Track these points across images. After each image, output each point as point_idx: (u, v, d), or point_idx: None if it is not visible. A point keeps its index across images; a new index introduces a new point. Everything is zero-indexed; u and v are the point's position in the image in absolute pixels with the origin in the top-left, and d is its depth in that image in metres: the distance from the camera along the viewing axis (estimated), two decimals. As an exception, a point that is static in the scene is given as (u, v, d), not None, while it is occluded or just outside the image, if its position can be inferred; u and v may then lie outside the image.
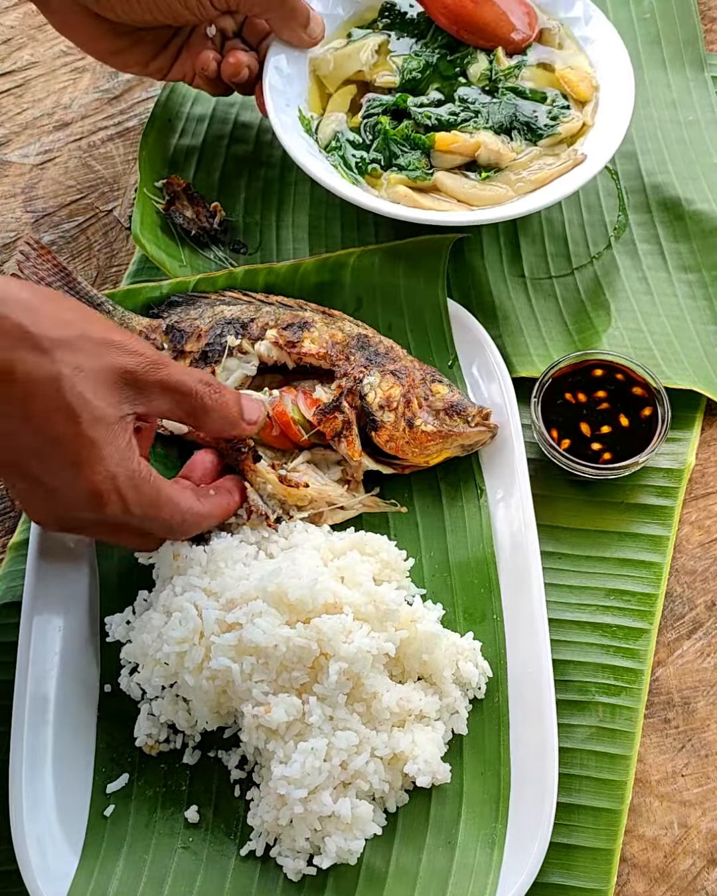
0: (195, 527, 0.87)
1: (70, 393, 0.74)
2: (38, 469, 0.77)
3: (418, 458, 0.96)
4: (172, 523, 0.84)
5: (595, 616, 0.94)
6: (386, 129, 1.06)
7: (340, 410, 0.94)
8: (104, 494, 0.78)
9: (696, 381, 1.02)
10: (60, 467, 0.77)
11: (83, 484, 0.77)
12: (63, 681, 0.89)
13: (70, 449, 0.76)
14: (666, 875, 0.87)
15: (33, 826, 0.83)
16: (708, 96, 1.19)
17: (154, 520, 0.82)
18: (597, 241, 1.12)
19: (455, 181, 1.05)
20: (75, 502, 0.79)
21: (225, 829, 0.86)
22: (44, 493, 0.79)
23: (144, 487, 0.80)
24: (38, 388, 0.73)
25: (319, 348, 0.97)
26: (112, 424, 0.77)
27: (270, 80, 1.06)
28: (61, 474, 0.77)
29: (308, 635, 0.82)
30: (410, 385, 0.96)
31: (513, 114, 1.06)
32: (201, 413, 0.85)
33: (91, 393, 0.75)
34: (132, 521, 0.81)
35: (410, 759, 0.83)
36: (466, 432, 0.95)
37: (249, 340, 0.98)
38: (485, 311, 1.06)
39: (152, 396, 0.80)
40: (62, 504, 0.80)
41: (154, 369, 0.80)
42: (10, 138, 1.23)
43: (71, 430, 0.75)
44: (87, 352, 0.76)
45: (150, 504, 0.81)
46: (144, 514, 0.81)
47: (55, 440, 0.75)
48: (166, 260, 1.08)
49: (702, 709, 0.92)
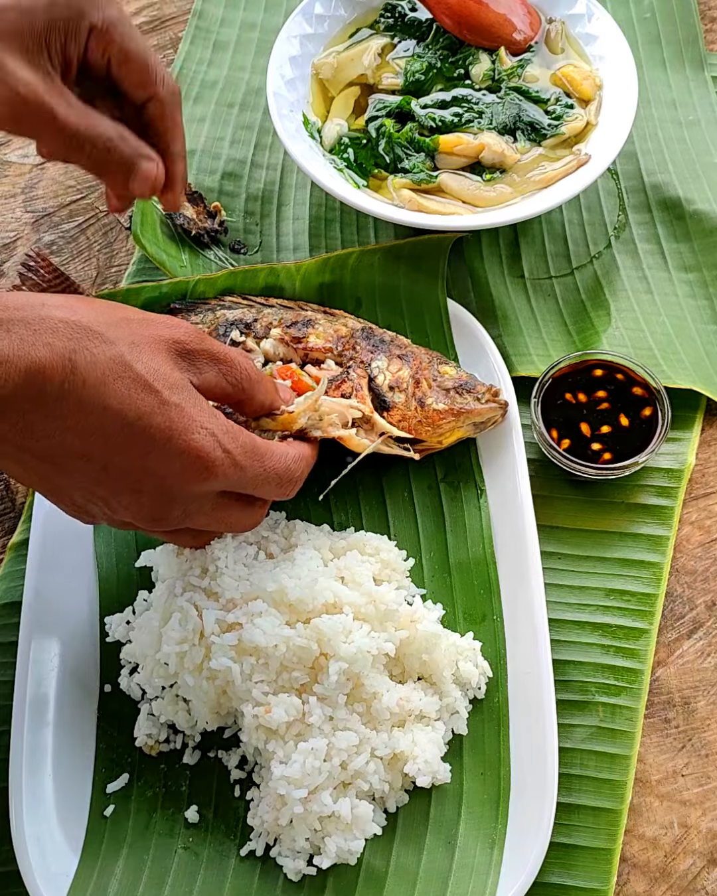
0: (298, 475, 0.84)
1: (138, 365, 0.72)
2: (134, 457, 0.73)
3: (431, 437, 0.95)
4: (279, 471, 0.81)
5: (595, 616, 0.94)
6: (390, 133, 1.06)
7: (348, 379, 0.94)
8: (209, 452, 0.74)
9: (696, 381, 1.02)
10: (157, 443, 0.73)
11: (185, 447, 0.73)
12: (63, 681, 0.89)
13: (160, 420, 0.72)
14: (666, 875, 0.87)
15: (33, 826, 0.83)
16: (708, 96, 1.19)
17: (261, 472, 0.79)
18: (597, 241, 1.12)
19: (459, 182, 1.05)
20: (184, 473, 0.75)
21: (225, 829, 0.86)
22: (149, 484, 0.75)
23: (240, 437, 0.77)
24: (107, 373, 0.71)
25: (325, 343, 0.97)
26: (187, 387, 0.75)
27: (274, 86, 1.06)
28: (160, 449, 0.73)
29: (308, 635, 0.82)
30: (418, 367, 0.96)
31: (517, 114, 1.06)
32: (247, 385, 0.82)
33: (157, 363, 0.74)
34: (244, 477, 0.78)
35: (410, 759, 0.83)
36: (477, 409, 0.95)
37: (254, 339, 0.98)
38: (485, 311, 1.06)
39: (202, 367, 0.78)
40: (171, 485, 0.75)
41: (200, 338, 0.78)
42: (11, 138, 1.23)
43: (154, 400, 0.72)
44: (135, 329, 0.74)
45: (252, 453, 0.78)
46: (252, 466, 0.78)
47: (141, 416, 0.72)
48: (166, 260, 1.08)
49: (702, 709, 0.92)
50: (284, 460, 0.82)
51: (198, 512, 0.79)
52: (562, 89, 1.09)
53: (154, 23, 1.30)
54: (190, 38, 1.25)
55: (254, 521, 0.86)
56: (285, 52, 1.09)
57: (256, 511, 0.85)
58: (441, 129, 1.06)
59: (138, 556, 0.93)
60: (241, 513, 0.83)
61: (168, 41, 1.28)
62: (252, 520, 0.86)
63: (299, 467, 0.84)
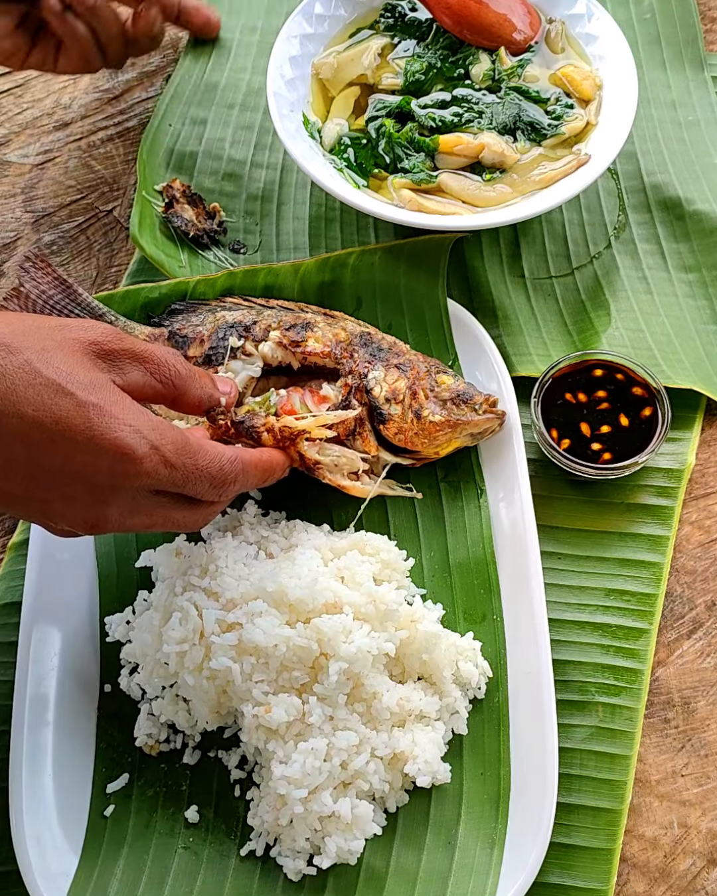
0: (231, 476, 0.81)
1: (48, 369, 0.71)
2: (59, 462, 0.72)
3: (428, 449, 0.96)
4: (212, 470, 0.79)
5: (595, 616, 0.94)
6: (390, 132, 1.06)
7: (350, 409, 0.95)
8: (135, 448, 0.73)
9: (696, 381, 1.02)
10: (79, 445, 0.71)
11: (109, 445, 0.72)
12: (63, 681, 0.89)
13: (78, 422, 0.71)
14: (666, 875, 0.87)
15: (33, 826, 0.83)
16: (708, 96, 1.19)
17: (193, 470, 0.77)
18: (597, 241, 1.12)
19: (459, 182, 1.05)
20: (112, 472, 0.73)
21: (225, 829, 0.86)
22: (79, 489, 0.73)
23: (169, 434, 0.76)
24: (17, 382, 0.70)
25: (323, 347, 0.97)
26: (106, 386, 0.74)
27: (274, 86, 1.06)
28: (83, 451, 0.71)
29: (308, 635, 0.82)
30: (415, 377, 0.96)
31: (517, 114, 1.06)
32: (178, 381, 0.80)
33: (69, 365, 0.72)
34: (175, 474, 0.76)
35: (410, 759, 0.83)
36: (474, 420, 0.95)
37: (253, 342, 0.98)
38: (485, 311, 1.06)
39: (126, 367, 0.77)
40: (101, 487, 0.73)
41: (118, 338, 0.77)
42: (10, 138, 1.23)
43: (69, 402, 0.71)
44: (45, 336, 0.73)
45: (183, 450, 0.76)
46: (183, 464, 0.76)
47: (58, 420, 0.70)
48: (165, 261, 1.09)
49: (702, 709, 0.92)
50: (217, 460, 0.80)
51: (137, 513, 0.77)
52: (562, 89, 1.09)
53: (154, 23, 1.29)
54: (190, 38, 1.25)
55: (203, 519, 0.84)
56: (285, 52, 1.09)
57: (203, 510, 0.83)
58: (441, 129, 1.06)
59: (138, 556, 0.93)
60: (185, 512, 0.81)
61: (168, 41, 1.28)
62: (200, 518, 0.83)
63: (234, 469, 0.81)
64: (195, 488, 0.79)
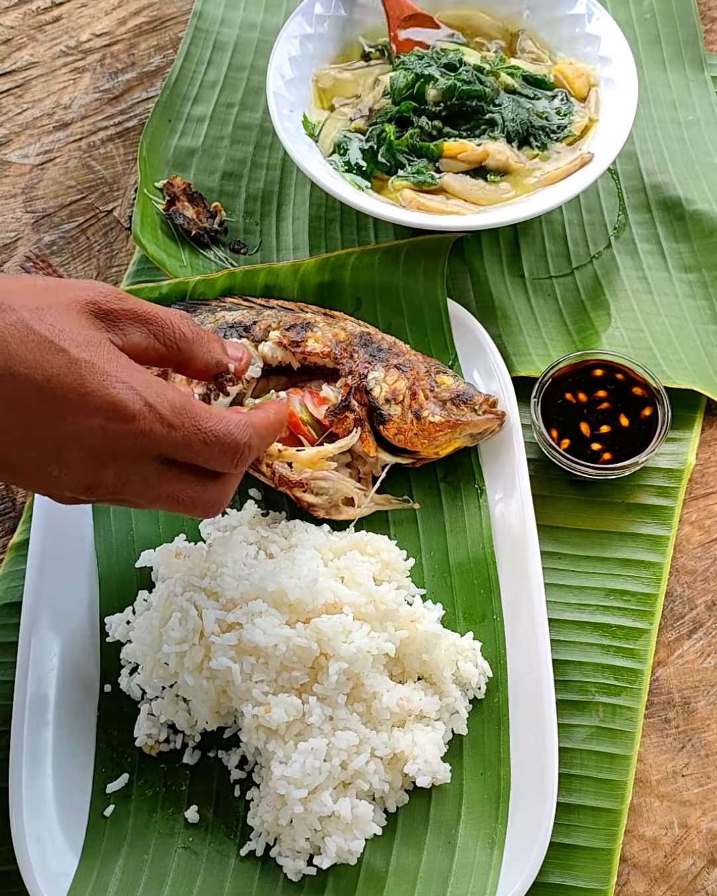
0: (244, 441, 0.76)
1: (41, 327, 0.68)
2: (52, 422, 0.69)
3: (427, 449, 0.96)
4: (219, 433, 0.74)
5: (595, 616, 0.94)
6: (391, 139, 1.06)
7: (350, 409, 0.95)
8: (129, 404, 0.69)
9: (696, 381, 1.02)
10: (71, 403, 0.68)
11: (101, 402, 0.68)
12: (63, 681, 0.89)
13: (71, 379, 0.68)
14: (666, 875, 0.87)
15: (33, 826, 0.83)
16: (708, 96, 1.19)
17: (195, 433, 0.73)
18: (597, 241, 1.12)
19: (462, 183, 1.05)
20: (105, 430, 0.69)
21: (225, 829, 0.86)
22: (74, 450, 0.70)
23: (168, 393, 0.72)
24: (9, 339, 0.67)
25: (323, 347, 0.97)
26: (102, 344, 0.71)
27: (274, 86, 1.06)
28: (76, 409, 0.68)
29: (308, 635, 0.82)
30: (414, 378, 0.96)
31: (527, 119, 1.06)
32: (183, 344, 0.77)
33: (63, 323, 0.69)
34: (176, 436, 0.72)
35: (410, 759, 0.83)
36: (474, 421, 0.95)
37: (253, 342, 0.98)
38: (485, 311, 1.06)
39: (126, 328, 0.74)
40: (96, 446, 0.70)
41: (118, 298, 0.74)
42: (10, 138, 1.23)
43: (62, 359, 0.68)
44: (40, 295, 0.71)
45: (181, 410, 0.72)
46: (183, 425, 0.72)
47: (50, 378, 0.67)
48: (166, 260, 1.08)
49: (702, 709, 0.92)
50: (224, 423, 0.74)
51: (139, 482, 0.73)
52: (558, 86, 1.10)
53: (154, 23, 1.30)
54: (190, 38, 1.25)
55: (213, 499, 0.78)
56: (285, 53, 1.09)
57: (214, 488, 0.77)
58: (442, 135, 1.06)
59: (138, 556, 0.93)
60: (194, 488, 0.76)
61: (168, 41, 1.28)
62: (210, 498, 0.77)
63: (245, 434, 0.76)
64: (204, 454, 0.74)
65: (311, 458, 0.93)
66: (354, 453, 0.96)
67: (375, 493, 0.96)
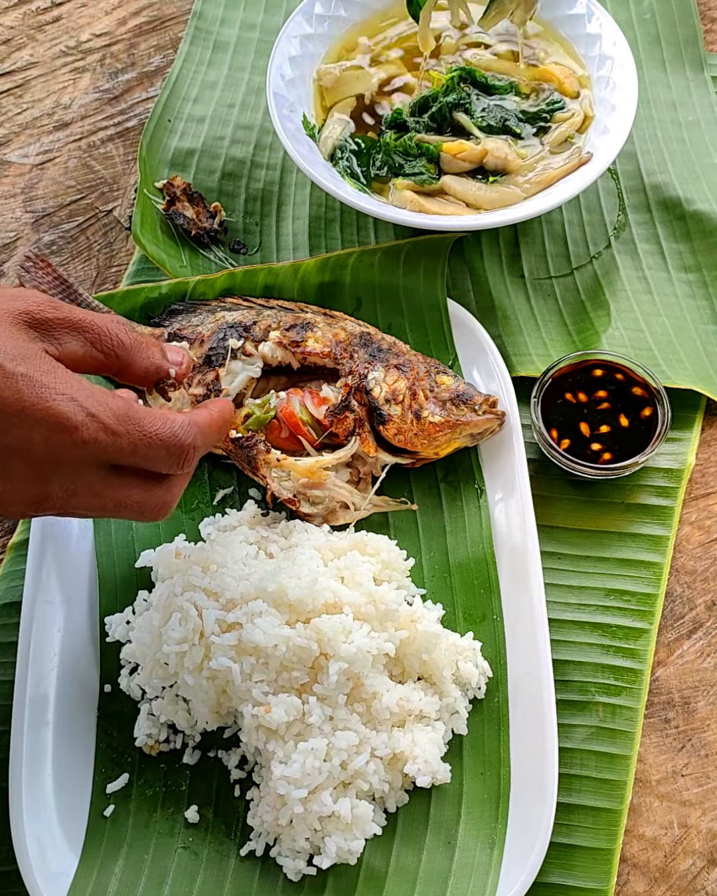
0: (188, 442, 0.76)
1: None
2: None
3: (427, 449, 0.96)
4: (164, 436, 0.74)
5: (595, 616, 0.94)
6: (387, 142, 1.06)
7: (350, 409, 0.95)
8: (71, 416, 0.69)
9: (696, 381, 1.02)
10: (10, 418, 0.68)
11: (41, 415, 0.68)
12: (63, 681, 0.89)
13: (8, 394, 0.67)
14: (666, 875, 0.87)
15: (33, 826, 0.83)
16: (708, 96, 1.19)
17: (140, 438, 0.73)
18: (597, 241, 1.12)
19: (462, 184, 1.05)
20: (48, 442, 0.69)
21: (225, 829, 0.86)
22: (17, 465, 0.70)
23: (110, 401, 0.72)
24: None
25: (323, 347, 0.97)
26: (37, 357, 0.70)
27: (274, 86, 1.06)
28: (15, 424, 0.68)
29: (308, 635, 0.82)
30: (414, 378, 0.97)
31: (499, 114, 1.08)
32: (121, 351, 0.77)
33: None
34: (120, 443, 0.72)
35: (410, 759, 0.83)
36: (474, 421, 0.95)
37: (253, 343, 0.98)
38: (485, 311, 1.06)
39: (61, 337, 0.73)
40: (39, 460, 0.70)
41: (53, 307, 0.73)
42: (10, 138, 1.23)
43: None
44: None
45: (125, 417, 0.72)
46: (127, 431, 0.72)
47: None
48: (166, 260, 1.08)
49: (702, 709, 0.92)
50: (168, 426, 0.74)
51: (86, 492, 0.73)
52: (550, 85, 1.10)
53: (154, 23, 1.30)
54: (190, 38, 1.25)
55: (160, 503, 0.77)
56: (285, 52, 1.09)
57: (160, 491, 0.77)
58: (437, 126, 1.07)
59: (138, 556, 0.93)
60: (141, 493, 0.76)
61: (168, 41, 1.28)
62: (157, 502, 0.77)
63: (190, 434, 0.76)
64: (150, 457, 0.74)
65: (309, 468, 0.93)
66: (354, 453, 0.96)
67: (373, 495, 0.96)
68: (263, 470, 0.94)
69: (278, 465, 0.93)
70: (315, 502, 0.94)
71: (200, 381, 0.96)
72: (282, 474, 0.94)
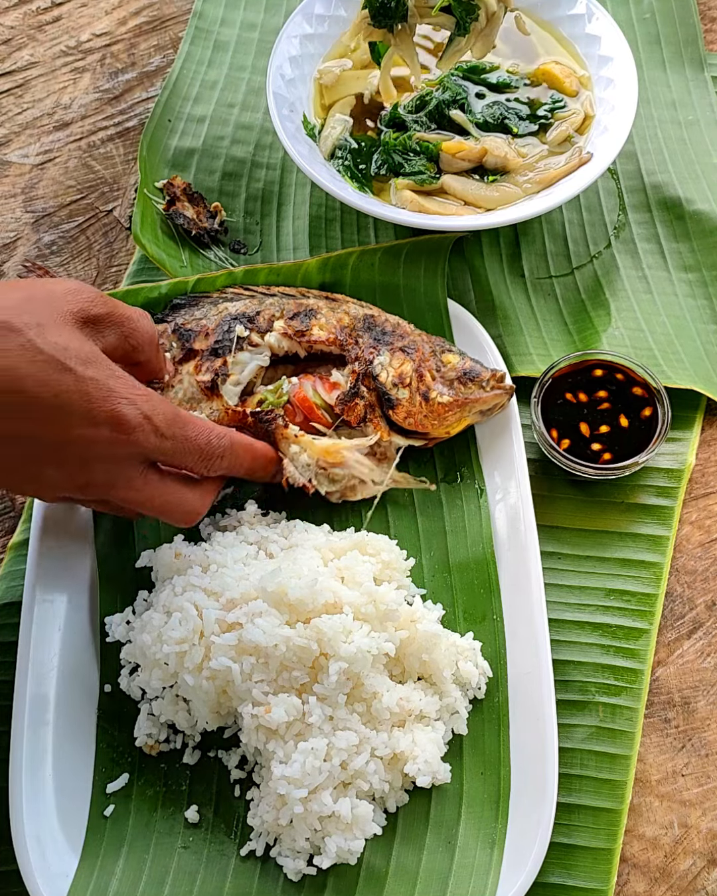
0: (219, 451, 0.86)
1: (48, 347, 0.75)
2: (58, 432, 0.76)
3: (438, 429, 0.96)
4: (200, 442, 0.84)
5: (595, 616, 0.94)
6: (387, 141, 1.06)
7: (359, 396, 0.95)
8: (129, 418, 0.78)
9: (696, 381, 1.02)
10: (77, 417, 0.76)
11: (106, 417, 0.77)
12: (63, 681, 0.89)
13: (77, 397, 0.76)
14: (666, 875, 0.87)
15: (33, 826, 0.83)
16: (708, 96, 1.19)
17: (181, 440, 0.82)
18: (597, 241, 1.12)
19: (462, 183, 1.05)
20: (106, 441, 0.78)
21: (225, 829, 0.86)
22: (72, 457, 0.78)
23: (161, 406, 0.81)
24: (19, 360, 0.74)
25: (328, 334, 0.98)
26: (100, 360, 0.78)
27: (274, 86, 1.06)
28: (83, 423, 0.76)
29: (308, 635, 0.82)
30: (420, 359, 0.97)
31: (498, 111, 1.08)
32: (148, 346, 0.86)
33: (65, 339, 0.76)
34: (165, 444, 0.81)
35: (410, 759, 0.83)
36: (482, 398, 0.95)
37: (258, 333, 0.99)
38: (485, 310, 1.06)
39: (105, 330, 0.82)
40: (95, 455, 0.78)
41: (103, 302, 0.81)
42: (10, 138, 1.23)
43: (70, 378, 0.75)
44: (39, 309, 0.77)
45: (173, 421, 0.81)
46: (173, 434, 0.81)
47: (58, 394, 0.75)
48: (166, 260, 1.09)
49: (702, 709, 0.92)
50: (206, 434, 0.85)
51: (125, 485, 0.82)
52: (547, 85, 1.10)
53: (154, 23, 1.30)
54: (190, 38, 1.25)
55: (191, 507, 0.87)
56: (285, 52, 1.09)
57: (192, 495, 0.86)
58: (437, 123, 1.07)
59: (138, 556, 0.93)
60: (177, 493, 0.85)
61: (168, 41, 1.28)
62: (189, 505, 0.86)
63: (222, 445, 0.86)
64: (184, 459, 0.84)
65: (327, 448, 0.93)
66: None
67: (394, 470, 0.96)
68: (282, 445, 0.94)
69: (296, 441, 0.93)
70: (335, 480, 0.94)
71: (209, 368, 0.96)
72: (300, 450, 0.94)
